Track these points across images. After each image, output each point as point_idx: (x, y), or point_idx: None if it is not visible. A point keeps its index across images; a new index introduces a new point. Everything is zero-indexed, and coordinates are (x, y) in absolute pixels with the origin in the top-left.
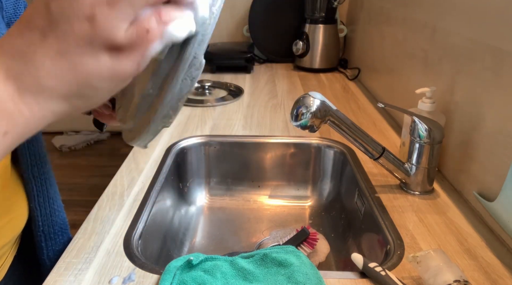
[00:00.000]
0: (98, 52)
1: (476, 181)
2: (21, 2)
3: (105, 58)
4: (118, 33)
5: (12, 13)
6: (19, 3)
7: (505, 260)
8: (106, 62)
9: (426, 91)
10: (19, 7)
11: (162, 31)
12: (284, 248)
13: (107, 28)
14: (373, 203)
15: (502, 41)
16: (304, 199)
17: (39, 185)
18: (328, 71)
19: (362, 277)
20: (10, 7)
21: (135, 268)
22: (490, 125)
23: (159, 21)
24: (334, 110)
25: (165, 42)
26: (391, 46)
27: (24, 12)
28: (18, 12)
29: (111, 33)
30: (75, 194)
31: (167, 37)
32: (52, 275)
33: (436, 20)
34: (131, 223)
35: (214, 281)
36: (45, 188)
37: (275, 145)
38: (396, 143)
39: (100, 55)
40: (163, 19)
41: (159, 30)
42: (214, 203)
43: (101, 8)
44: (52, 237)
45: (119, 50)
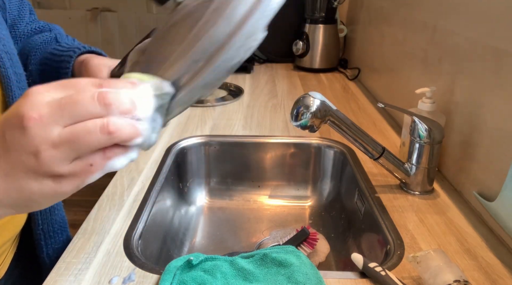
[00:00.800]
0: (42, 179)
1: (476, 181)
2: (26, 5)
3: (48, 183)
4: (61, 168)
5: (17, 15)
6: (23, 5)
7: (505, 260)
8: (48, 186)
9: (426, 91)
10: (23, 9)
11: (104, 164)
12: (284, 248)
13: (50, 164)
14: (373, 203)
15: (502, 41)
16: (304, 199)
17: None
18: (328, 71)
19: (362, 277)
20: (14, 9)
21: (135, 268)
22: (490, 125)
23: (103, 157)
24: (334, 110)
25: (105, 172)
26: (391, 46)
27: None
28: (22, 14)
29: (54, 168)
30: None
31: (108, 168)
32: (52, 275)
33: (436, 20)
34: (131, 223)
35: (214, 281)
36: None
37: (275, 145)
38: (396, 143)
39: (43, 181)
40: (107, 155)
41: (102, 164)
42: (214, 203)
43: (46, 148)
44: (52, 236)
45: (61, 177)
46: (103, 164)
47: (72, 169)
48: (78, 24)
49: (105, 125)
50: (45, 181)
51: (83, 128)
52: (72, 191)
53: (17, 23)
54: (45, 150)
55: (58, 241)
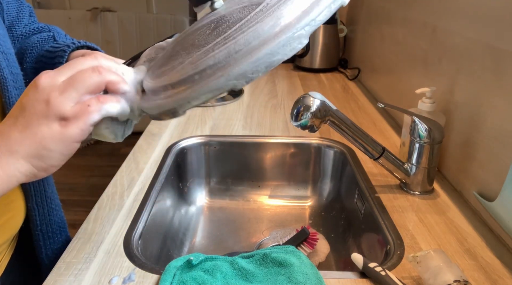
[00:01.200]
0: (51, 123)
1: (476, 181)
2: (25, 7)
3: (55, 126)
4: (66, 108)
5: (15, 17)
6: (23, 7)
7: (505, 260)
8: (57, 129)
9: (426, 91)
10: (22, 11)
11: (100, 107)
12: (284, 248)
13: (58, 106)
14: (373, 203)
15: (502, 41)
16: (304, 199)
17: (36, 185)
18: (328, 71)
19: (362, 277)
20: (13, 10)
21: (135, 268)
22: (490, 125)
23: (97, 100)
24: (334, 110)
25: (102, 115)
26: (391, 46)
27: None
28: (21, 15)
29: (61, 109)
30: (75, 194)
31: (104, 111)
32: (52, 275)
33: (436, 20)
34: (131, 223)
35: (214, 281)
36: (42, 188)
37: (275, 145)
38: (396, 143)
39: (52, 125)
40: (100, 100)
41: (97, 106)
42: (214, 203)
43: (54, 94)
44: (51, 236)
45: (67, 120)
46: (99, 106)
47: (74, 110)
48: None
49: (96, 66)
50: (53, 124)
51: (80, 71)
52: (77, 135)
53: (15, 24)
54: (54, 97)
55: (57, 241)
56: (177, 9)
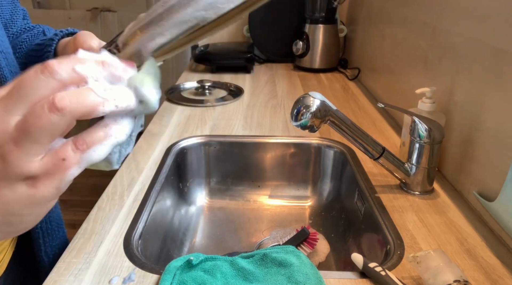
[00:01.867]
0: (14, 184)
1: (476, 181)
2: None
3: (22, 187)
4: (31, 166)
5: (9, 19)
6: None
7: (505, 260)
8: (23, 191)
9: (426, 91)
10: (16, 13)
11: (79, 158)
12: (284, 248)
13: (17, 164)
14: (373, 203)
15: (502, 41)
16: (304, 199)
17: None
18: (328, 71)
19: (362, 277)
20: (7, 12)
21: (135, 268)
22: (490, 125)
23: (73, 149)
24: (334, 110)
25: (86, 165)
26: (391, 46)
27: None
28: (15, 18)
29: (23, 168)
30: (75, 194)
31: (86, 162)
32: (52, 275)
33: (436, 20)
34: (131, 223)
35: (214, 281)
36: None
37: (275, 145)
38: (396, 143)
39: (16, 186)
40: (78, 147)
41: (75, 157)
42: (214, 203)
43: (8, 146)
44: (50, 233)
45: (35, 179)
46: (77, 157)
47: (43, 166)
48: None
49: (51, 101)
50: (18, 186)
51: (32, 113)
52: (53, 195)
53: (8, 26)
54: (9, 151)
55: (55, 238)
56: None
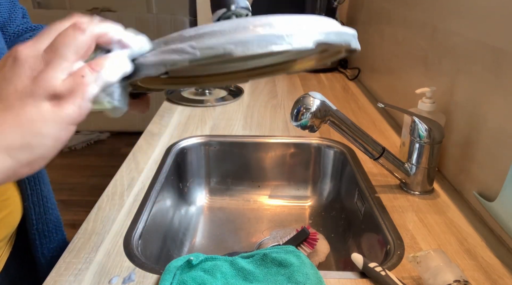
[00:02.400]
0: (39, 102)
1: (476, 181)
2: (18, 9)
3: (46, 106)
4: (56, 83)
5: (7, 18)
6: (15, 8)
7: (505, 260)
8: (48, 109)
9: (426, 91)
10: (15, 12)
11: (96, 76)
12: (284, 248)
13: (47, 80)
14: (373, 203)
15: (502, 41)
16: (304, 199)
17: (32, 184)
18: (328, 71)
19: (362, 277)
20: (4, 11)
21: (135, 268)
22: (490, 125)
23: (90, 69)
24: (334, 110)
25: (101, 85)
26: (391, 46)
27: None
28: (13, 16)
29: (50, 84)
30: (75, 194)
31: (101, 80)
32: (52, 275)
33: (436, 20)
34: (131, 223)
35: (214, 281)
36: (38, 187)
37: (275, 145)
38: (396, 143)
39: (41, 104)
40: (93, 67)
41: (92, 75)
42: (214, 203)
43: (39, 66)
44: (47, 235)
45: (60, 98)
46: (94, 75)
47: (66, 85)
48: None
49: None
50: (44, 103)
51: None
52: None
53: (6, 25)
54: (39, 69)
55: (53, 240)
56: (177, 9)
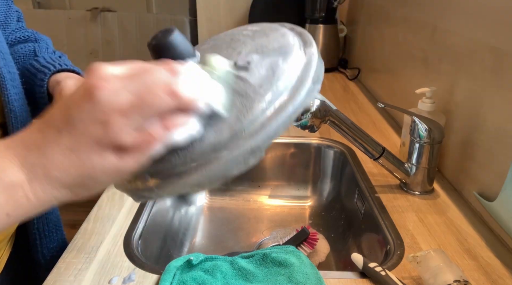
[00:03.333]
0: (105, 151)
1: (476, 181)
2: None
3: (110, 157)
4: (126, 137)
5: (3, 21)
6: (11, 11)
7: (505, 260)
8: (111, 160)
9: (426, 91)
10: (10, 15)
11: (165, 135)
12: (284, 248)
13: (117, 132)
14: (373, 203)
15: (502, 41)
16: (304, 199)
17: None
18: (328, 71)
19: (362, 277)
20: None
21: (135, 268)
22: (490, 125)
23: (162, 127)
24: (334, 110)
25: (166, 144)
26: (391, 46)
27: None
28: (9, 20)
29: (120, 137)
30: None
31: (169, 140)
32: (52, 275)
33: (436, 20)
34: (131, 223)
35: (214, 281)
36: None
37: (275, 145)
38: (396, 143)
39: (106, 154)
40: (166, 125)
41: (162, 134)
42: (214, 203)
43: (115, 116)
44: (47, 235)
45: (124, 151)
46: (164, 134)
47: (134, 140)
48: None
49: (171, 88)
50: (108, 155)
51: (149, 91)
52: (133, 168)
53: (2, 28)
54: (114, 118)
55: (52, 240)
56: (177, 9)
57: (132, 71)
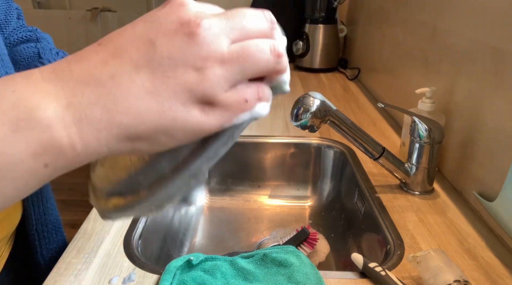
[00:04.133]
0: (191, 103)
1: (476, 181)
2: (13, 10)
3: (195, 111)
4: (220, 92)
5: (3, 19)
6: (11, 10)
7: (505, 260)
8: (196, 115)
9: (426, 91)
10: (11, 13)
11: (255, 105)
12: (284, 248)
13: (213, 84)
14: (373, 203)
15: (502, 41)
16: (304, 199)
17: None
18: (328, 71)
19: (362, 277)
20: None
21: (135, 268)
22: (490, 125)
23: (256, 95)
24: (334, 110)
25: (252, 116)
26: (391, 46)
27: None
28: (9, 18)
29: (214, 90)
30: (75, 194)
31: (255, 112)
32: (52, 275)
33: (436, 20)
34: (131, 223)
35: (214, 281)
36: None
37: (275, 145)
38: (396, 143)
39: (192, 107)
40: (260, 95)
41: (254, 103)
42: (214, 203)
43: (214, 63)
44: (46, 236)
45: (212, 106)
46: (255, 104)
47: (226, 98)
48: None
49: (275, 46)
50: (194, 108)
51: (256, 45)
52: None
53: (2, 27)
54: (212, 66)
55: (52, 241)
56: None
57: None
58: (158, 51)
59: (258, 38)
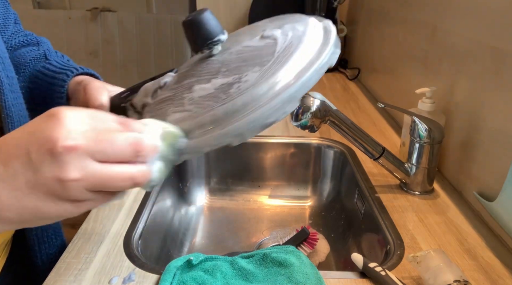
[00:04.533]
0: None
1: (476, 181)
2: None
3: (66, 206)
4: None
5: (1, 24)
6: (8, 14)
7: (505, 260)
8: (66, 209)
9: (426, 91)
10: (8, 18)
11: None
12: (284, 248)
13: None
14: (373, 203)
15: (502, 41)
16: (304, 199)
17: None
18: (328, 71)
19: (362, 277)
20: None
21: (135, 268)
22: (490, 125)
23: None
24: (334, 110)
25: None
26: (391, 46)
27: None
28: (7, 22)
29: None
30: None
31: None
32: (52, 275)
33: (436, 20)
34: (131, 223)
35: (214, 281)
36: None
37: (275, 145)
38: (396, 143)
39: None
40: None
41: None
42: (214, 203)
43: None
44: (46, 241)
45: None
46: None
47: (94, 196)
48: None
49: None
50: (65, 204)
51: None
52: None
53: (1, 31)
54: (74, 181)
55: (52, 246)
56: (177, 9)
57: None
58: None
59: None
